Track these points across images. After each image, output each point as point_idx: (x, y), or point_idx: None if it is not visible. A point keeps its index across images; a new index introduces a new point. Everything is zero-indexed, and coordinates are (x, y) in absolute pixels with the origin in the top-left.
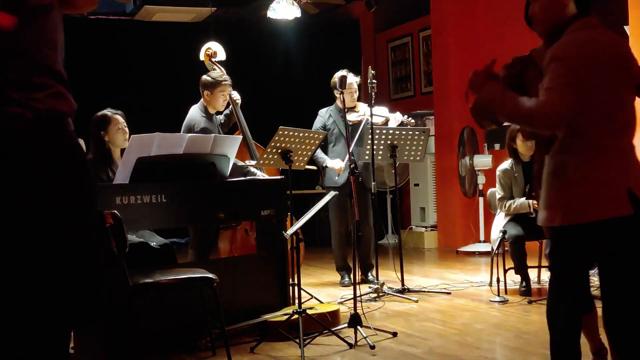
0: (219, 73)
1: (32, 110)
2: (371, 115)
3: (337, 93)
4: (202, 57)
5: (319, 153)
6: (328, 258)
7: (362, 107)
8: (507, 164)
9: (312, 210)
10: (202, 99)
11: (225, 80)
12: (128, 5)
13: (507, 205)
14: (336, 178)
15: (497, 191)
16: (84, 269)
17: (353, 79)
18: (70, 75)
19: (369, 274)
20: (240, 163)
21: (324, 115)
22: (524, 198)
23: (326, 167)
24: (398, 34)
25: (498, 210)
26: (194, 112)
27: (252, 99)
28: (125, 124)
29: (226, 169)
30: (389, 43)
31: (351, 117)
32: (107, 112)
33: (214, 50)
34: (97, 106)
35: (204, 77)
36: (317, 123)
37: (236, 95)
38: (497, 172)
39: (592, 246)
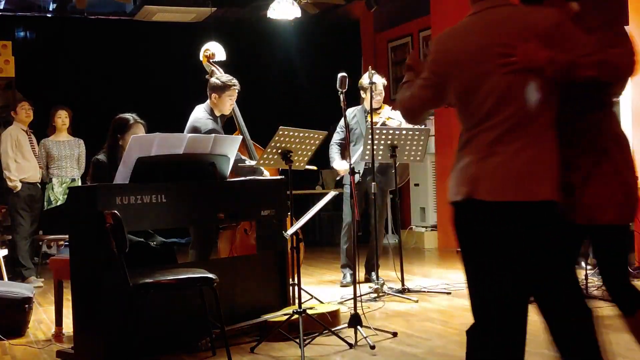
0: (228, 77)
1: None
2: (371, 114)
3: (362, 93)
4: (200, 58)
5: (333, 152)
6: (328, 258)
7: (386, 110)
8: None
9: (313, 210)
10: (208, 101)
11: (234, 85)
12: (128, 5)
13: None
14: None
15: None
16: None
17: (379, 81)
18: (70, 75)
19: (373, 273)
20: (249, 162)
21: (349, 115)
22: None
23: (333, 168)
24: (398, 34)
25: None
26: (200, 113)
27: (252, 99)
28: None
29: (226, 169)
30: (389, 43)
31: (375, 119)
32: (131, 117)
33: (213, 51)
34: (97, 106)
35: (213, 79)
36: (341, 121)
37: None
38: None
39: None
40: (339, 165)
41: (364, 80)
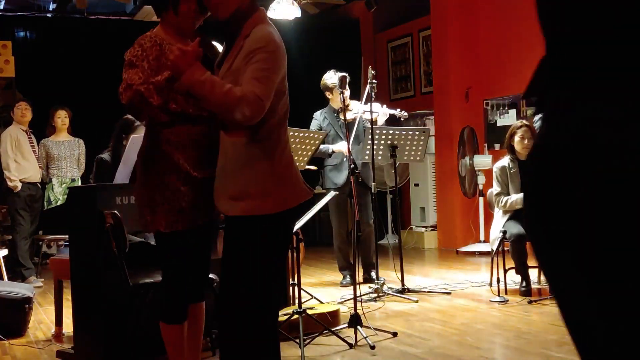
0: None
1: None
2: (371, 114)
3: (328, 94)
4: None
5: (323, 146)
6: (328, 258)
7: (355, 105)
8: (504, 161)
9: (312, 210)
10: None
11: None
12: (128, 5)
13: (504, 201)
14: (335, 179)
15: (494, 187)
16: None
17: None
18: (70, 75)
19: (372, 272)
20: None
21: (319, 118)
22: (521, 194)
23: (333, 152)
24: (398, 34)
25: (496, 208)
26: None
27: None
28: None
29: None
30: (389, 43)
31: (346, 115)
32: None
33: None
34: (97, 106)
35: None
36: (313, 126)
37: None
38: (494, 169)
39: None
40: (339, 146)
41: (328, 80)
